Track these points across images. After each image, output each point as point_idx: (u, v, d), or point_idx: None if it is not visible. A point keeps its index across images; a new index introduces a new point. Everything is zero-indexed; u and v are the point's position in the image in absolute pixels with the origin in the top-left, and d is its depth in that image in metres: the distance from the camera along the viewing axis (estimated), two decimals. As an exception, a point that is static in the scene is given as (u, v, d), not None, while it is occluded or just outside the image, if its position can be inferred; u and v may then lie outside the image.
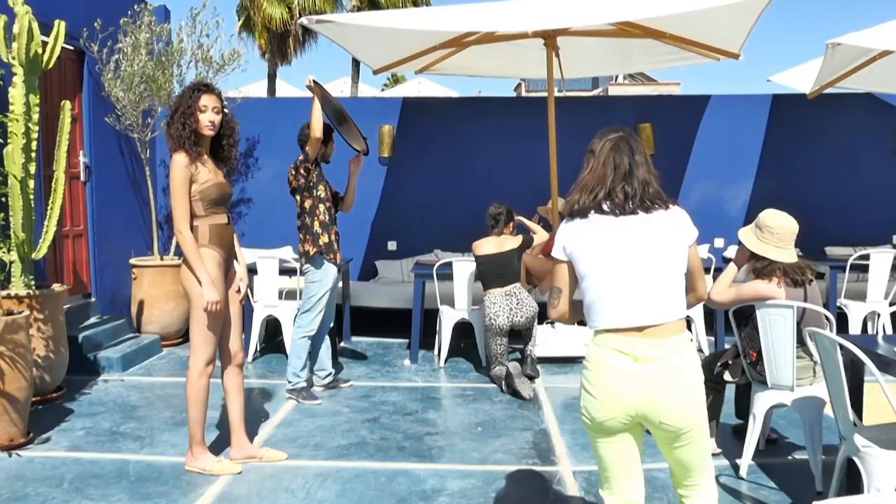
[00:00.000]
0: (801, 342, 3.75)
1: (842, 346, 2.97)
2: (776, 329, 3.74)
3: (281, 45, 21.74)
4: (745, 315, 4.04)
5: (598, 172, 2.51)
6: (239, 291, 4.21)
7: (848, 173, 8.32)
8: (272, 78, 22.77)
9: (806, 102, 8.16)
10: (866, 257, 6.50)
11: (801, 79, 7.97)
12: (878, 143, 8.34)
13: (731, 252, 8.16)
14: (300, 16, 20.36)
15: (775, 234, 3.89)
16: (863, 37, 5.75)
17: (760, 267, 3.89)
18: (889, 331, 6.57)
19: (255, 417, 5.01)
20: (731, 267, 4.06)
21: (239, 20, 21.84)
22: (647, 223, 2.42)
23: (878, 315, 6.51)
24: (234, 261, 4.17)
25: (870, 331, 6.67)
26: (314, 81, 5.32)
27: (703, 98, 8.38)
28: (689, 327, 4.04)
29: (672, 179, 8.34)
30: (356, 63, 23.41)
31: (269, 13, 20.48)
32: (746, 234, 3.97)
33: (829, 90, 7.14)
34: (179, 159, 3.87)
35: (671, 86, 37.59)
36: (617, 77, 26.37)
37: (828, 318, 3.81)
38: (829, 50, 5.65)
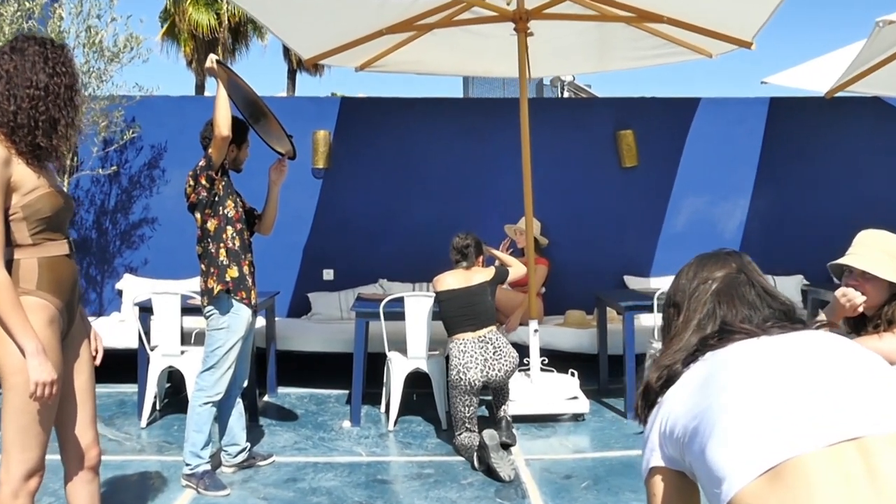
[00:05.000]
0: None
1: None
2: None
3: (209, 53, 20.13)
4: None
5: (688, 339, 1.47)
6: (96, 353, 2.82)
7: (858, 188, 7.26)
8: (200, 89, 21.14)
9: (807, 107, 7.26)
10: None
11: (803, 79, 6.96)
12: (890, 152, 7.31)
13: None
14: (229, 23, 18.91)
15: None
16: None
17: None
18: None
19: (132, 523, 3.59)
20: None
21: (162, 27, 20.22)
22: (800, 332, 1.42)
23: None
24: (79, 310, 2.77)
25: None
26: (218, 62, 3.97)
27: (692, 101, 7.26)
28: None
29: (657, 195, 7.21)
30: (292, 75, 22.03)
31: (195, 19, 18.92)
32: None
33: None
34: None
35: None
36: (563, 91, 25.48)
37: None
38: (876, 30, 4.54)
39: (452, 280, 4.69)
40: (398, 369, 5.23)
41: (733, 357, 1.34)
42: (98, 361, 2.83)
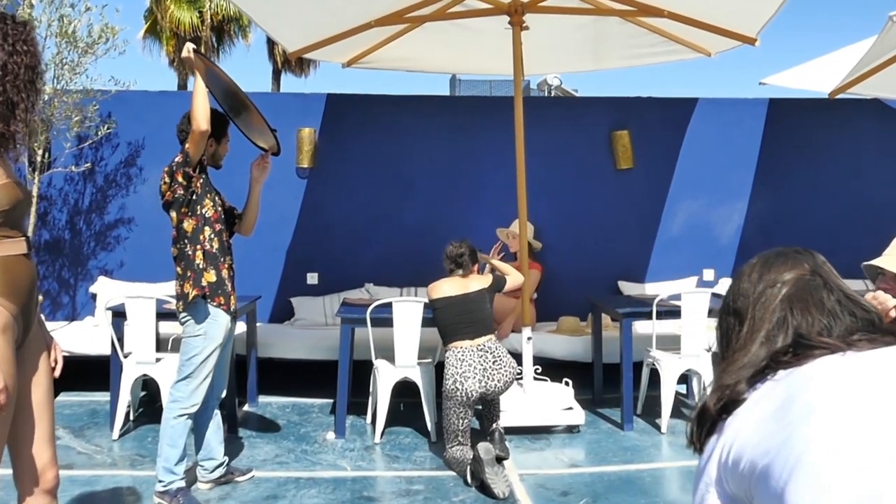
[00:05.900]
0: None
1: None
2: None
3: (191, 51, 19.82)
4: None
5: (755, 353, 1.22)
6: (55, 364, 2.55)
7: (859, 191, 7.09)
8: (182, 89, 20.82)
9: (806, 109, 7.08)
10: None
11: (802, 80, 6.77)
12: (890, 155, 7.14)
13: (724, 286, 6.82)
14: (212, 21, 18.61)
15: None
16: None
17: None
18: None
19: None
20: None
21: (145, 25, 19.89)
22: None
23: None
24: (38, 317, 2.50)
25: None
26: (194, 50, 3.71)
27: (689, 101, 7.06)
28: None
29: (653, 198, 7.00)
30: (276, 75, 21.75)
31: (177, 17, 18.56)
32: None
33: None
34: None
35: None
36: (551, 92, 25.29)
37: None
38: (889, 25, 4.35)
39: (449, 287, 4.45)
40: (385, 378, 4.97)
41: (817, 377, 1.11)
42: (57, 373, 2.57)
